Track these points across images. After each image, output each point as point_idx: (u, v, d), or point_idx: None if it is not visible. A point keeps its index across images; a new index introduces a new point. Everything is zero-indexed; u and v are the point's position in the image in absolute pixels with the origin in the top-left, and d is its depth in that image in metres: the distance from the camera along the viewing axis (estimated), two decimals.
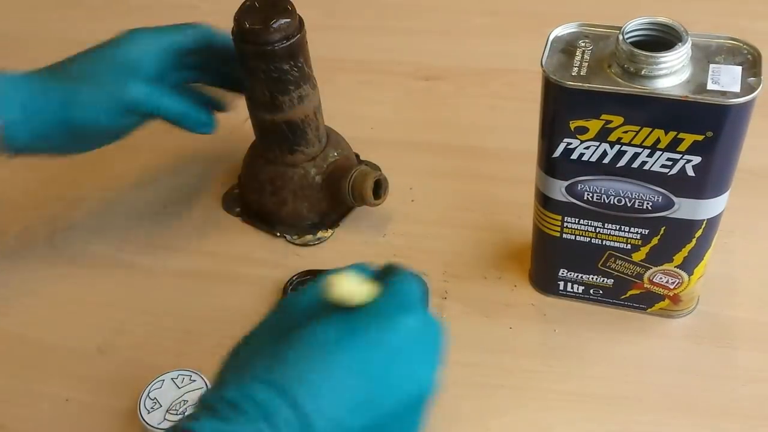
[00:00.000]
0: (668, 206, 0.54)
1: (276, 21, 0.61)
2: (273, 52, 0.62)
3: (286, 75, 0.63)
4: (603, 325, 0.62)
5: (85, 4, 1.04)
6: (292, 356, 0.39)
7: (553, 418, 0.57)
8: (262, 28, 0.61)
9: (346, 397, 0.38)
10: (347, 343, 0.40)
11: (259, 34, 0.61)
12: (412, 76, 0.87)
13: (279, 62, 0.62)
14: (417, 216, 0.72)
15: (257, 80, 0.64)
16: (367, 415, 0.39)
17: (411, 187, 0.74)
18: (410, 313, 0.41)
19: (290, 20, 0.61)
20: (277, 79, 0.63)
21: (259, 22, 0.61)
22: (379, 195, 0.68)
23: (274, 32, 0.61)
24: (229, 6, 1.05)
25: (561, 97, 0.51)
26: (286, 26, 0.61)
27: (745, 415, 0.56)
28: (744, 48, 0.51)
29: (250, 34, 0.61)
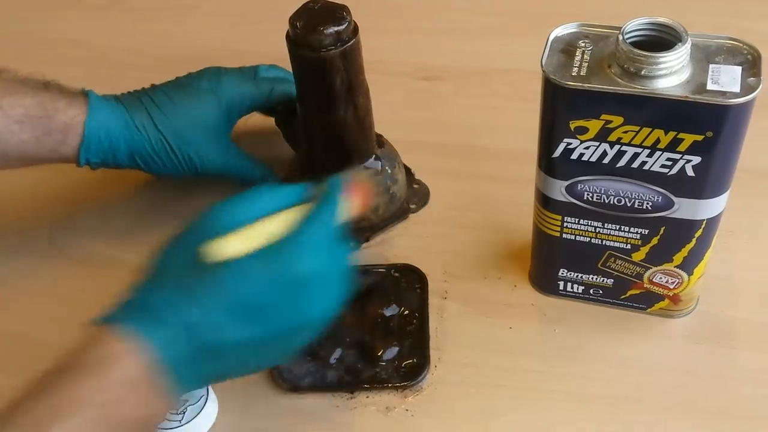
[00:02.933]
0: (668, 206, 0.54)
1: (331, 26, 0.60)
2: (327, 58, 0.61)
3: (342, 81, 0.63)
4: (603, 325, 0.62)
5: (85, 4, 1.04)
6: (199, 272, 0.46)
7: (553, 418, 0.57)
8: (316, 33, 0.60)
9: (236, 314, 0.45)
10: (246, 268, 0.46)
11: (313, 39, 0.60)
12: (412, 76, 0.87)
13: (333, 68, 0.62)
14: (417, 216, 0.72)
15: (309, 85, 0.64)
16: (250, 332, 0.46)
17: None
18: (305, 258, 0.47)
19: (344, 26, 0.61)
20: (329, 84, 0.63)
21: (313, 27, 0.61)
22: None
23: (329, 38, 0.60)
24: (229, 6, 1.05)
25: (561, 97, 0.51)
26: (341, 32, 0.61)
27: (745, 415, 0.56)
28: (744, 48, 0.51)
29: (303, 38, 0.61)
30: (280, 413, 0.59)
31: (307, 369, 0.61)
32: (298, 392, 0.59)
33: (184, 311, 0.45)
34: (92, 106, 0.64)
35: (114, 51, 0.94)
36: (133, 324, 0.45)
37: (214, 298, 0.45)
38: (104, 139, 0.65)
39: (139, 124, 0.66)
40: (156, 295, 0.46)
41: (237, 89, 0.69)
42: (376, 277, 0.66)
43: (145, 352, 0.44)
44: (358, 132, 0.67)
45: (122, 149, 0.66)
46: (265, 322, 0.47)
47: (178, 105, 0.67)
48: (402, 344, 0.61)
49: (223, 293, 0.46)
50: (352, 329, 0.62)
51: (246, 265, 0.46)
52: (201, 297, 0.45)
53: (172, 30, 0.98)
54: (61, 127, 0.63)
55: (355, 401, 0.59)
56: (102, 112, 0.65)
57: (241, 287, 0.46)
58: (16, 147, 0.63)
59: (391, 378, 0.59)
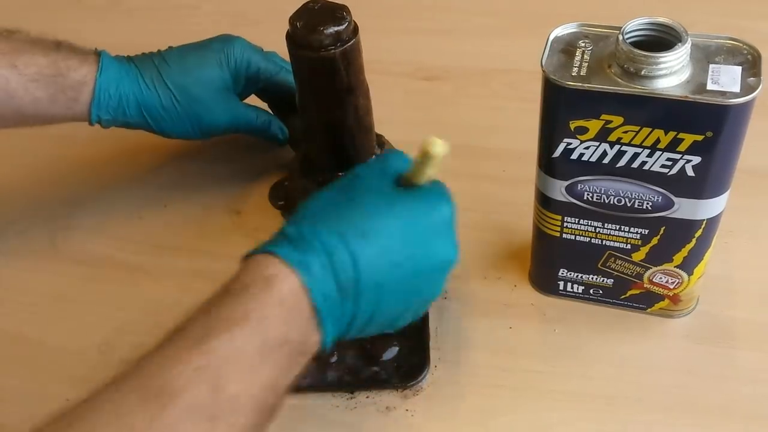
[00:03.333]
0: (668, 206, 0.54)
1: (331, 26, 0.61)
2: (327, 58, 0.61)
3: (341, 81, 0.63)
4: (603, 325, 0.62)
5: (85, 4, 1.04)
6: (352, 215, 0.47)
7: (553, 418, 0.57)
8: (315, 32, 0.60)
9: (389, 254, 0.47)
10: (398, 212, 0.48)
11: (313, 39, 0.61)
12: (412, 76, 0.87)
13: (333, 68, 0.62)
14: None
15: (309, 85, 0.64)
16: (401, 272, 0.47)
17: None
18: (446, 202, 0.51)
19: (344, 26, 0.61)
20: (329, 84, 0.63)
21: (313, 27, 0.61)
22: None
23: (329, 37, 0.61)
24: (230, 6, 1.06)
25: (561, 97, 0.51)
26: (340, 32, 0.61)
27: (745, 415, 0.56)
28: (744, 48, 0.51)
29: (303, 38, 0.61)
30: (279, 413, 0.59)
31: (307, 369, 0.61)
32: (298, 392, 0.59)
33: (334, 245, 0.46)
34: (104, 64, 0.66)
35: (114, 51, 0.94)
36: (286, 252, 0.45)
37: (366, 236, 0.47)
38: (114, 95, 0.66)
39: (148, 81, 0.67)
40: (309, 228, 0.47)
41: (246, 54, 0.71)
42: None
43: (300, 278, 0.45)
44: (358, 132, 0.67)
45: (132, 105, 0.67)
46: (412, 264, 0.48)
47: (188, 63, 0.69)
48: (402, 344, 0.61)
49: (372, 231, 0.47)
50: None
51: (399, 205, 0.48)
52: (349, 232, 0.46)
53: (172, 30, 0.98)
54: (74, 84, 0.65)
55: (355, 401, 0.59)
56: (113, 69, 0.67)
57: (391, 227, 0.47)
58: (31, 105, 0.64)
59: (391, 378, 0.59)
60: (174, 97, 0.68)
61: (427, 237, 0.49)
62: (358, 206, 0.48)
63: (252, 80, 0.72)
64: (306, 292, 0.44)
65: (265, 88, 0.74)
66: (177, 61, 0.69)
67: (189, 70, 0.68)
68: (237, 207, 0.75)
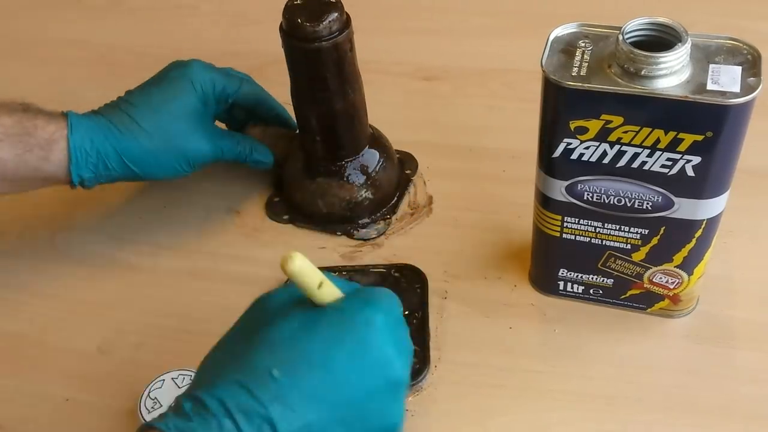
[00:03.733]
0: (668, 206, 0.54)
1: (323, 17, 0.61)
2: (319, 49, 0.62)
3: (333, 72, 0.63)
4: (603, 325, 0.62)
5: (85, 4, 1.04)
6: (255, 354, 0.41)
7: (552, 418, 0.57)
8: (308, 24, 0.61)
9: (308, 391, 0.40)
10: (310, 336, 0.41)
11: (306, 30, 0.61)
12: (412, 76, 0.87)
13: (322, 59, 0.63)
14: (417, 216, 0.72)
15: (303, 77, 0.64)
16: (331, 408, 0.40)
17: (411, 187, 0.75)
18: (371, 308, 0.43)
19: (337, 16, 0.62)
20: (323, 76, 0.64)
21: (306, 18, 0.61)
22: None
23: (321, 29, 0.61)
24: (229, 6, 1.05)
25: (561, 97, 0.51)
26: (333, 23, 0.61)
27: (745, 415, 0.56)
28: (744, 48, 0.51)
29: (297, 29, 0.62)
30: None
31: None
32: None
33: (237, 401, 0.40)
34: (73, 122, 0.63)
35: (114, 51, 0.94)
36: (162, 423, 0.40)
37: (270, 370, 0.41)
38: (91, 150, 0.63)
39: (122, 128, 0.64)
40: (204, 389, 0.41)
41: (206, 74, 0.69)
42: (376, 277, 0.66)
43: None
44: (351, 122, 0.67)
45: (112, 157, 0.64)
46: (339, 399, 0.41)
47: (155, 99, 0.66)
48: None
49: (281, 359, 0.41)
50: None
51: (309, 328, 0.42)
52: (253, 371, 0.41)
53: (172, 30, 0.98)
54: (41, 143, 0.62)
55: None
56: (83, 125, 0.64)
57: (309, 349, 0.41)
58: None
59: None
60: (152, 137, 0.65)
61: (355, 357, 0.42)
62: (263, 342, 0.42)
63: (220, 99, 0.70)
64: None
65: (234, 104, 0.72)
66: (144, 101, 0.66)
67: (159, 106, 0.66)
68: (237, 207, 0.75)
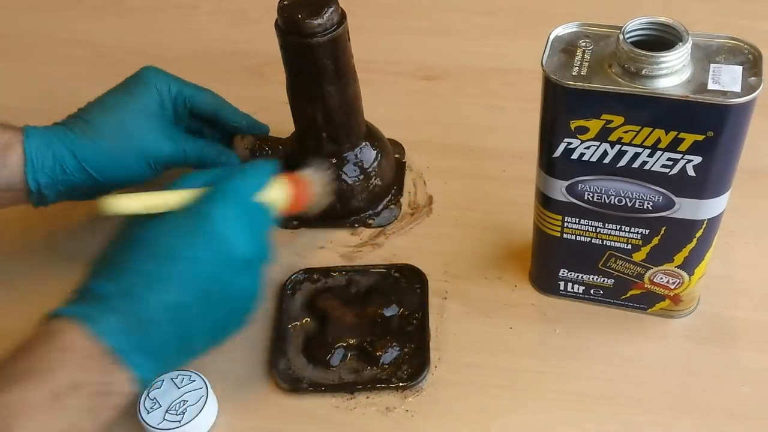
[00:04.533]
0: (669, 206, 0.54)
1: (319, 13, 0.61)
2: (316, 44, 0.62)
3: (327, 67, 0.64)
4: (603, 325, 0.62)
5: (85, 4, 1.04)
6: (116, 255, 0.52)
7: (553, 419, 0.57)
8: (305, 19, 0.61)
9: (161, 275, 0.50)
10: (158, 237, 0.51)
11: (302, 26, 0.61)
12: (412, 76, 0.87)
13: (321, 54, 0.63)
14: (417, 216, 0.72)
15: (299, 73, 0.64)
16: (183, 288, 0.50)
17: (411, 187, 0.75)
18: (211, 205, 0.52)
19: (333, 11, 0.62)
20: (319, 71, 0.64)
21: (302, 14, 0.62)
22: None
23: (317, 24, 0.61)
24: (229, 6, 1.05)
25: (561, 97, 0.51)
26: (329, 18, 0.62)
27: (745, 415, 0.56)
28: (745, 48, 0.51)
29: (293, 25, 0.62)
30: (280, 414, 0.59)
31: (307, 369, 0.61)
32: (298, 393, 0.59)
33: (104, 285, 0.49)
34: (28, 130, 0.63)
35: (114, 51, 0.94)
36: (66, 309, 0.49)
37: (130, 264, 0.50)
38: (47, 153, 0.62)
39: (77, 130, 0.63)
40: (92, 280, 0.51)
41: (162, 77, 0.68)
42: (376, 277, 0.66)
43: (82, 326, 0.47)
44: (347, 117, 0.68)
45: (68, 159, 0.63)
46: (185, 280, 0.50)
47: (110, 101, 0.66)
48: (402, 344, 0.61)
49: (136, 256, 0.50)
50: (352, 329, 0.62)
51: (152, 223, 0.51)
52: (117, 266, 0.50)
53: (172, 30, 0.98)
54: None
55: (355, 402, 0.59)
56: (38, 131, 0.63)
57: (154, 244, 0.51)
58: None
59: (391, 378, 0.59)
60: (107, 137, 0.64)
61: (203, 246, 0.51)
62: (128, 242, 0.52)
63: (177, 102, 0.68)
64: (93, 336, 0.47)
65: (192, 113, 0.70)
66: (99, 104, 0.66)
67: (113, 106, 0.65)
68: None
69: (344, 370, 0.60)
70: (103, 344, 0.47)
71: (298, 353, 0.61)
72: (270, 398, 0.59)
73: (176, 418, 0.55)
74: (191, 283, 0.50)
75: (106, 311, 0.48)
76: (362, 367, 0.60)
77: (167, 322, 0.49)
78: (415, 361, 0.60)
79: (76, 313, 0.48)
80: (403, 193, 0.74)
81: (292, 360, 0.61)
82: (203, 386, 0.57)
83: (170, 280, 0.50)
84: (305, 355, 0.61)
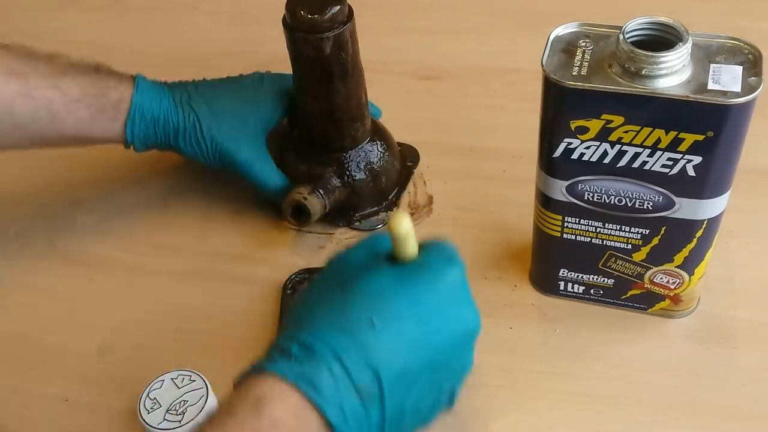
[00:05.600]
0: (669, 206, 0.54)
1: (328, 9, 0.62)
2: (324, 40, 0.62)
3: (334, 63, 0.64)
4: (603, 325, 0.62)
5: (85, 4, 1.04)
6: (353, 305, 0.43)
7: (553, 419, 0.57)
8: (312, 16, 0.62)
9: (405, 338, 0.43)
10: (403, 290, 0.44)
11: (311, 22, 0.62)
12: (412, 76, 0.87)
13: (328, 50, 0.63)
14: (417, 216, 0.72)
15: (306, 69, 0.64)
16: (424, 353, 0.43)
17: (411, 187, 0.75)
18: (452, 265, 0.47)
19: (340, 10, 0.62)
20: (326, 68, 0.64)
21: (310, 11, 0.62)
22: (300, 220, 0.68)
23: (324, 21, 0.62)
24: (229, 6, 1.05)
25: (561, 97, 0.51)
26: (336, 15, 0.62)
27: (745, 415, 0.56)
28: (745, 48, 0.51)
29: (300, 22, 0.62)
30: None
31: None
32: None
33: (343, 346, 0.42)
34: (139, 84, 0.67)
35: (114, 51, 0.94)
36: (281, 367, 0.41)
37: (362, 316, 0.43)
38: (147, 112, 0.66)
39: (177, 100, 0.68)
40: (307, 333, 0.43)
41: (277, 87, 0.70)
42: None
43: (301, 394, 0.40)
44: (353, 115, 0.68)
45: (160, 123, 0.67)
46: (433, 341, 0.44)
47: (217, 92, 0.69)
48: None
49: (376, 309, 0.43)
50: None
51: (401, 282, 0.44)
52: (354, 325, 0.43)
53: (172, 30, 0.98)
54: (113, 103, 0.65)
55: None
56: (147, 88, 0.67)
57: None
58: (74, 125, 0.64)
59: None
60: (197, 120, 0.67)
61: (442, 308, 0.45)
62: (358, 294, 0.44)
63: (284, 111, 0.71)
64: (312, 408, 0.40)
65: None
66: (206, 90, 0.69)
67: (216, 99, 0.68)
68: (237, 207, 0.75)
69: None
70: (325, 419, 0.40)
71: None
72: None
73: (176, 418, 0.55)
74: (427, 350, 0.44)
75: (332, 375, 0.41)
76: None
77: (397, 378, 0.42)
78: None
79: (290, 375, 0.41)
80: (399, 203, 0.73)
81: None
82: (203, 386, 0.57)
83: (415, 347, 0.43)
84: None
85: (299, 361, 0.41)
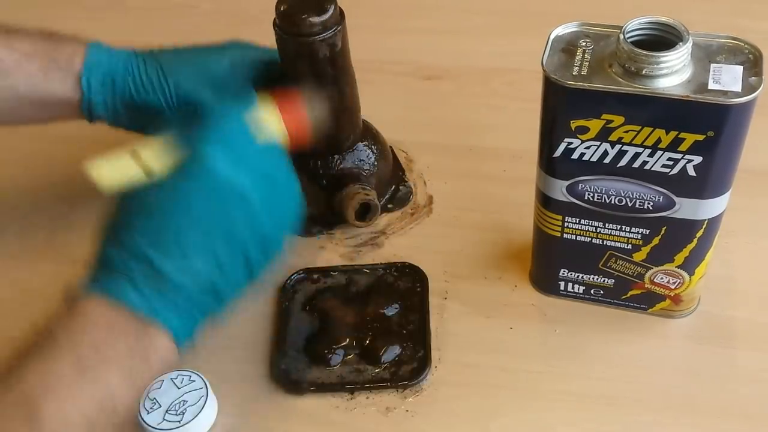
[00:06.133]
0: (669, 206, 0.54)
1: (318, 12, 0.61)
2: (314, 43, 0.62)
3: (325, 66, 0.64)
4: (603, 325, 0.62)
5: (85, 4, 1.04)
6: (132, 219, 0.50)
7: (553, 419, 0.57)
8: (303, 18, 0.61)
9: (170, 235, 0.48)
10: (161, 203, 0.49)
11: (302, 25, 0.61)
12: (412, 76, 0.87)
13: (319, 53, 0.63)
14: (417, 216, 0.72)
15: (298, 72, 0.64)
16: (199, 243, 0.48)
17: (411, 187, 0.74)
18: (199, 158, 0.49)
19: (330, 12, 0.62)
20: (318, 70, 0.64)
21: (301, 13, 0.62)
22: (365, 218, 0.68)
23: (315, 23, 0.61)
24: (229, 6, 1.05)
25: (562, 97, 0.51)
26: (327, 18, 0.62)
27: (745, 415, 0.56)
28: (745, 47, 0.50)
29: (291, 24, 0.62)
30: (279, 414, 0.59)
31: (307, 369, 0.61)
32: (297, 393, 0.59)
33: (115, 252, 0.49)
34: (94, 42, 0.65)
35: None
36: (83, 285, 0.48)
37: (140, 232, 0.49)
38: (105, 63, 0.64)
39: (137, 53, 0.66)
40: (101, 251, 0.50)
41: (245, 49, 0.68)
42: (377, 277, 0.66)
43: (102, 296, 0.47)
44: (344, 116, 0.67)
45: (120, 71, 0.65)
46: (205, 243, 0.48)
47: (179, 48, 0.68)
48: (402, 344, 0.61)
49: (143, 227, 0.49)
50: (352, 329, 0.62)
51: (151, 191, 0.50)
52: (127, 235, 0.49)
53: (172, 29, 0.98)
54: (67, 57, 0.64)
55: (355, 402, 0.59)
56: (102, 45, 0.66)
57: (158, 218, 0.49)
58: (25, 82, 0.63)
59: (391, 378, 0.59)
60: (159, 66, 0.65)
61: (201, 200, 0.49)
62: (134, 203, 0.51)
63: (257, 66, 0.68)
64: (116, 303, 0.46)
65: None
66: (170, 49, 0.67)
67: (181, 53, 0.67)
68: None
69: (344, 370, 0.60)
70: (128, 309, 0.46)
71: (298, 353, 0.61)
72: (270, 398, 0.59)
73: (176, 418, 0.55)
74: (203, 236, 0.48)
75: (122, 277, 0.47)
76: (362, 366, 0.60)
77: (187, 275, 0.48)
78: (415, 361, 0.60)
79: (95, 287, 0.47)
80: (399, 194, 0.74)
81: (292, 360, 0.61)
82: (203, 386, 0.57)
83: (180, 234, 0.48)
84: (305, 355, 0.61)
85: (102, 270, 0.48)
